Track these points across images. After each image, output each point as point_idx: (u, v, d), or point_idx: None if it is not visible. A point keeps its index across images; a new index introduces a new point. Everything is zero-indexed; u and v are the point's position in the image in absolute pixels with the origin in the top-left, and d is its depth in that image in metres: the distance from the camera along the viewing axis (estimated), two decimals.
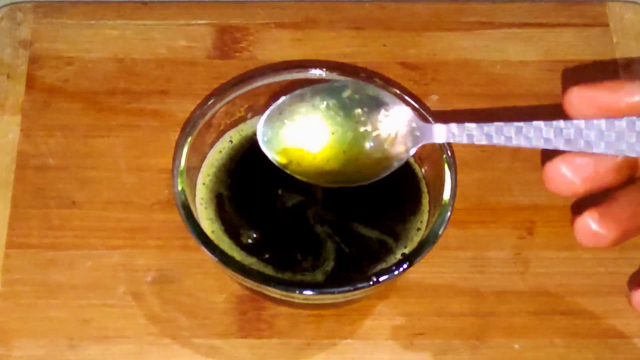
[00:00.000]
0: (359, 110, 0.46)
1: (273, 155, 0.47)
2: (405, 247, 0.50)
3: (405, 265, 0.46)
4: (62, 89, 0.58)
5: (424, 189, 0.52)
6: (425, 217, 0.51)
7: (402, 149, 0.45)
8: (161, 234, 0.53)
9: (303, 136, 0.47)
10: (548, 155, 0.41)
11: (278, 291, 0.47)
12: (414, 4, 0.62)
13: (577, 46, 0.61)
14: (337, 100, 0.46)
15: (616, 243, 0.39)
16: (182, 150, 0.49)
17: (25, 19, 0.61)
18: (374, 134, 0.46)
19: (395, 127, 0.45)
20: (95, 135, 0.57)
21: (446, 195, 0.48)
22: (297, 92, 0.47)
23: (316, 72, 0.53)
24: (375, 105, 0.46)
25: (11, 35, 0.60)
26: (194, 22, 0.61)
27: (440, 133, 0.43)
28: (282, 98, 0.47)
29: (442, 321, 0.52)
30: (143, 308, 0.51)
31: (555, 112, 0.58)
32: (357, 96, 0.46)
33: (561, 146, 0.39)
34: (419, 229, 0.50)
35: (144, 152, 0.56)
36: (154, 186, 0.55)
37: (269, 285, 0.46)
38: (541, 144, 0.39)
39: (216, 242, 0.48)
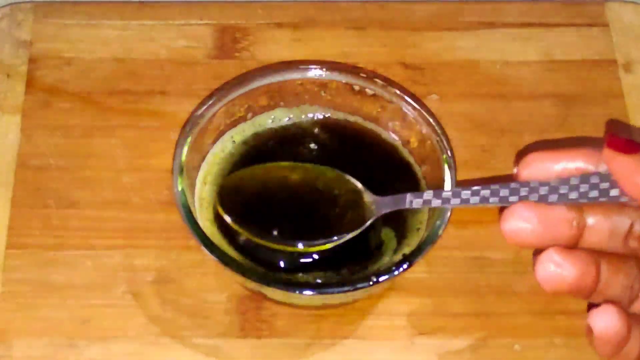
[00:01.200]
0: (322, 187, 0.49)
1: (234, 219, 0.48)
2: (405, 247, 0.50)
3: (405, 265, 0.46)
4: (62, 89, 0.58)
5: (424, 189, 0.52)
6: (425, 217, 0.51)
7: (364, 217, 0.47)
8: (161, 234, 0.53)
9: (266, 202, 0.49)
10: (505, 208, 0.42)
11: (278, 291, 0.47)
12: (414, 4, 0.62)
13: (577, 46, 0.61)
14: (302, 175, 0.50)
15: (575, 287, 0.39)
16: (182, 150, 0.49)
17: (25, 19, 0.61)
18: (337, 208, 0.49)
19: (356, 200, 0.48)
20: (95, 135, 0.57)
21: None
22: (254, 168, 0.50)
23: (316, 72, 0.53)
24: (338, 184, 0.49)
25: (11, 35, 0.60)
26: (194, 22, 0.61)
27: (397, 202, 0.46)
28: (241, 170, 0.50)
29: (442, 321, 0.52)
30: (143, 308, 0.51)
31: (555, 111, 0.59)
32: (319, 176, 0.49)
33: (516, 202, 0.41)
34: (418, 229, 0.50)
35: (144, 152, 0.56)
36: (154, 186, 0.55)
37: (269, 285, 0.46)
38: (497, 202, 0.41)
39: (215, 241, 0.48)
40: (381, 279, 0.46)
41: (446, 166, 0.49)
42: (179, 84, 0.59)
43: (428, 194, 0.44)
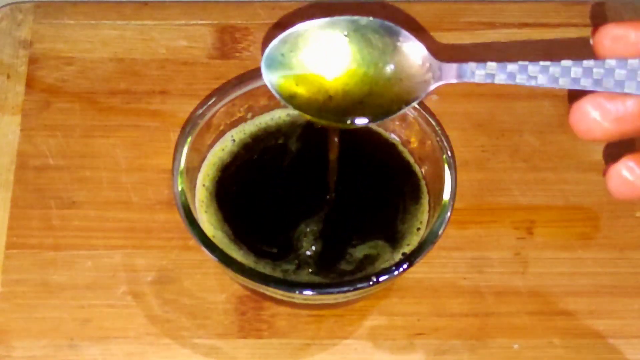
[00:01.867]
0: (377, 44, 0.44)
1: (279, 80, 0.44)
2: (405, 247, 0.50)
3: (405, 265, 0.46)
4: (62, 89, 0.58)
5: (424, 189, 0.52)
6: (425, 217, 0.51)
7: (420, 87, 0.42)
8: (161, 234, 0.53)
9: (316, 64, 0.44)
10: (574, 98, 0.38)
11: (278, 291, 0.47)
12: (414, 4, 0.62)
13: (577, 46, 0.61)
14: (354, 32, 0.44)
15: None
16: (182, 150, 0.49)
17: (25, 19, 0.61)
18: (392, 68, 0.43)
19: (413, 63, 0.43)
20: (95, 135, 0.57)
21: (446, 195, 0.48)
22: (314, 21, 0.44)
23: None
24: (394, 41, 0.44)
25: (11, 36, 0.60)
26: (194, 22, 0.61)
27: (460, 71, 0.41)
28: (289, 30, 0.44)
29: (442, 321, 0.52)
30: (143, 308, 0.51)
31: (555, 111, 0.58)
32: (372, 31, 0.44)
33: (589, 86, 0.37)
34: (419, 229, 0.50)
35: (144, 152, 0.56)
36: (154, 186, 0.55)
37: (269, 285, 0.46)
38: (568, 84, 0.37)
39: (215, 241, 0.48)
40: (381, 279, 0.46)
41: (446, 166, 0.49)
42: (179, 84, 0.59)
43: (491, 66, 0.39)
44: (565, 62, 0.37)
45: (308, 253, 0.49)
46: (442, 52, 0.45)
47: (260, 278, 0.46)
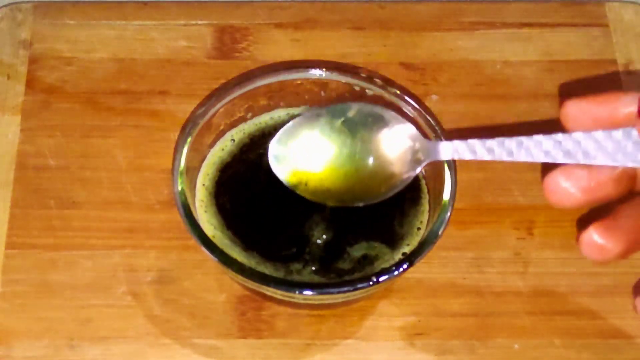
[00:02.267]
0: (365, 131, 0.47)
1: (284, 176, 0.48)
2: (405, 247, 0.50)
3: (405, 265, 0.46)
4: (62, 89, 0.58)
5: (424, 189, 0.52)
6: (425, 217, 0.51)
7: (408, 168, 0.46)
8: (161, 234, 0.53)
9: (311, 157, 0.48)
10: (548, 168, 0.41)
11: (278, 291, 0.47)
12: (414, 4, 0.62)
13: (577, 46, 0.61)
14: (343, 121, 0.47)
15: (622, 256, 0.39)
16: (182, 150, 0.49)
17: (25, 19, 0.61)
18: (381, 153, 0.47)
19: (400, 147, 0.46)
20: (95, 135, 0.57)
21: (446, 195, 0.48)
22: (306, 114, 0.48)
23: (316, 72, 0.53)
24: (381, 125, 0.47)
25: (11, 36, 0.60)
26: (194, 22, 0.61)
27: (445, 151, 0.45)
28: (291, 121, 0.48)
29: (442, 321, 0.52)
30: (143, 308, 0.51)
31: (555, 111, 0.58)
32: (362, 117, 0.47)
33: (560, 158, 0.39)
34: (419, 229, 0.50)
35: (144, 152, 0.56)
36: (154, 186, 0.55)
37: (269, 285, 0.46)
38: (541, 158, 0.40)
39: (215, 241, 0.48)
40: (381, 279, 0.46)
41: (446, 166, 0.49)
42: (179, 84, 0.59)
43: (473, 143, 0.43)
44: (538, 137, 0.40)
45: (308, 253, 0.49)
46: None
47: (260, 278, 0.46)
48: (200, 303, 0.52)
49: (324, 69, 0.53)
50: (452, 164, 0.49)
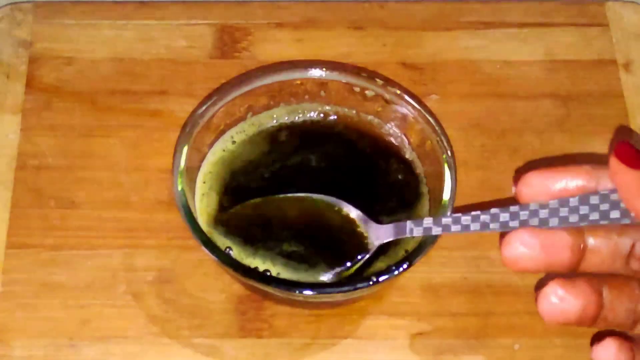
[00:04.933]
0: (321, 216, 0.49)
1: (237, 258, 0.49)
2: (406, 247, 0.50)
3: (405, 265, 0.46)
4: (62, 89, 0.58)
5: (424, 189, 0.52)
6: (425, 216, 0.51)
7: (364, 247, 0.48)
8: (161, 234, 0.53)
9: (263, 240, 0.49)
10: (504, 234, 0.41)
11: (278, 291, 0.47)
12: (414, 4, 0.62)
13: (577, 46, 0.61)
14: (300, 208, 0.49)
15: (579, 318, 0.39)
16: (182, 150, 0.50)
17: (25, 19, 0.61)
18: (336, 235, 0.49)
19: (354, 229, 0.49)
20: (95, 135, 0.57)
21: (446, 195, 0.48)
22: (256, 201, 0.50)
23: (316, 72, 0.53)
24: (337, 211, 0.49)
25: (11, 35, 0.60)
26: (194, 22, 0.61)
27: (397, 231, 0.46)
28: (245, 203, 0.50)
29: (442, 321, 0.52)
30: (143, 308, 0.51)
31: (555, 111, 0.59)
32: (318, 204, 0.49)
33: (517, 227, 0.40)
34: None
35: (144, 152, 0.56)
36: (154, 186, 0.55)
37: (269, 285, 0.46)
38: (498, 228, 0.41)
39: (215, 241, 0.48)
40: (381, 279, 0.46)
41: (446, 166, 0.49)
42: (179, 84, 0.59)
43: (428, 222, 0.44)
44: (494, 210, 0.41)
45: (306, 251, 0.49)
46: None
47: (260, 278, 0.46)
48: (200, 303, 0.52)
49: (324, 69, 0.53)
50: (452, 163, 0.49)
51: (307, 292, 0.46)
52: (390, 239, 0.47)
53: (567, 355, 0.51)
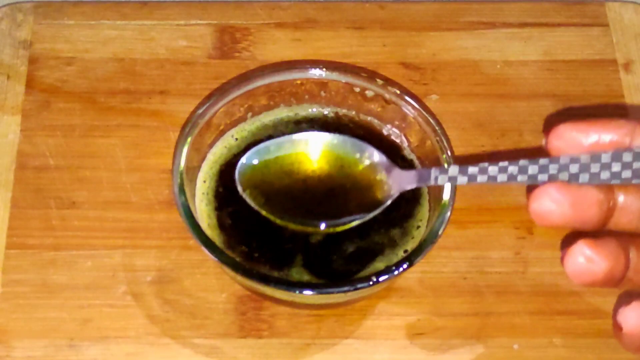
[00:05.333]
0: (344, 158, 0.48)
1: (251, 195, 0.48)
2: (405, 247, 0.50)
3: (405, 265, 0.46)
4: (62, 89, 0.58)
5: (424, 189, 0.52)
6: (425, 216, 0.51)
7: (384, 195, 0.47)
8: (161, 234, 0.53)
9: (286, 176, 0.48)
10: (533, 187, 0.40)
11: (278, 291, 0.47)
12: (414, 4, 0.62)
13: (577, 46, 0.61)
14: (322, 147, 0.48)
15: (606, 279, 0.39)
16: (182, 150, 0.50)
17: (25, 20, 0.61)
18: (356, 181, 0.48)
19: (377, 173, 0.47)
20: (95, 135, 0.57)
21: (446, 195, 0.48)
22: (280, 139, 0.48)
23: (316, 72, 0.53)
24: (359, 153, 0.48)
25: (11, 36, 0.60)
26: (194, 22, 0.61)
27: (421, 178, 0.45)
28: (261, 144, 0.48)
29: (442, 321, 0.52)
30: (143, 308, 0.51)
31: (555, 111, 0.59)
32: (341, 145, 0.48)
33: (546, 181, 0.39)
34: (419, 228, 0.50)
35: (144, 152, 0.56)
36: (154, 186, 0.55)
37: (269, 285, 0.46)
38: (526, 181, 0.40)
39: (212, 237, 0.48)
40: (381, 279, 0.46)
41: (446, 166, 0.49)
42: (179, 84, 0.59)
43: (453, 170, 0.42)
44: (523, 162, 0.39)
45: (307, 251, 0.49)
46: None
47: (260, 278, 0.46)
48: (200, 303, 0.52)
49: (324, 69, 0.53)
50: (452, 163, 0.49)
51: (307, 292, 0.46)
52: (414, 186, 0.45)
53: (567, 355, 0.51)
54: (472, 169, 0.41)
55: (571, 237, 0.40)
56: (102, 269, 0.52)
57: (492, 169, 0.40)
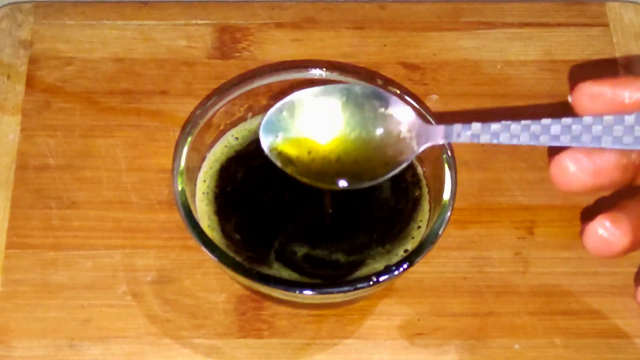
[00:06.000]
0: (364, 111, 0.46)
1: (275, 152, 0.47)
2: (406, 247, 0.50)
3: (405, 265, 0.46)
4: (62, 89, 0.58)
5: (424, 189, 0.52)
6: (425, 216, 0.51)
7: (408, 150, 0.45)
8: (161, 234, 0.53)
9: (307, 134, 0.47)
10: (555, 152, 0.40)
11: (278, 291, 0.47)
12: (414, 4, 0.62)
13: (577, 46, 0.61)
14: (342, 100, 0.46)
15: (627, 251, 0.39)
16: (182, 150, 0.49)
17: (25, 20, 0.61)
18: (379, 134, 0.46)
19: (400, 128, 0.45)
20: (95, 135, 0.57)
21: (446, 195, 0.48)
22: (303, 91, 0.47)
23: (316, 72, 0.53)
24: (380, 106, 0.46)
25: (11, 36, 0.60)
26: (194, 22, 0.61)
27: (446, 133, 0.43)
28: (286, 98, 0.47)
29: (442, 321, 0.52)
30: (143, 308, 0.51)
31: (555, 112, 0.58)
32: (361, 97, 0.46)
33: (568, 142, 0.39)
34: (419, 228, 0.50)
35: (144, 152, 0.56)
36: (154, 186, 0.55)
37: (268, 285, 0.46)
38: (548, 141, 0.39)
39: (212, 237, 0.48)
40: (381, 279, 0.46)
41: (446, 166, 0.49)
42: (179, 84, 0.59)
43: (476, 127, 0.41)
44: (545, 121, 0.39)
45: (307, 251, 0.49)
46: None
47: (260, 278, 0.46)
48: (200, 303, 0.52)
49: (324, 69, 0.53)
50: (453, 163, 0.49)
51: (307, 292, 0.46)
52: (439, 143, 0.44)
53: (568, 355, 0.51)
54: (494, 126, 0.40)
55: (591, 205, 0.39)
56: (102, 269, 0.52)
57: (515, 128, 0.40)
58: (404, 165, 0.45)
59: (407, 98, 0.52)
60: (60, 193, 0.55)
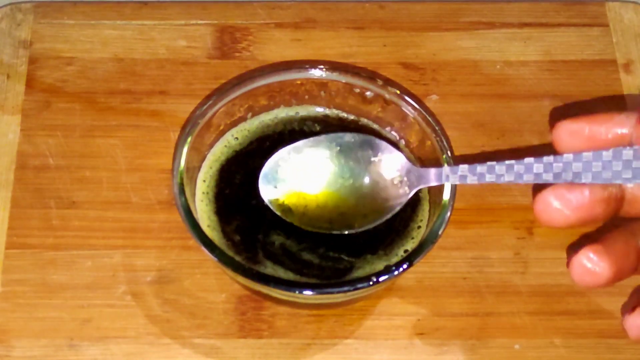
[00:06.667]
0: (357, 160, 0.49)
1: (275, 204, 0.49)
2: (406, 247, 0.50)
3: (405, 265, 0.46)
4: (62, 89, 0.58)
5: (425, 189, 0.52)
6: (425, 216, 0.51)
7: (400, 194, 0.48)
8: (161, 234, 0.53)
9: (302, 185, 0.49)
10: (538, 189, 0.42)
11: (278, 291, 0.47)
12: (414, 4, 0.62)
13: (577, 46, 0.61)
14: (335, 150, 0.49)
15: (612, 281, 0.40)
16: (182, 150, 0.50)
17: (25, 19, 0.61)
18: (373, 181, 0.48)
19: (393, 174, 0.48)
20: (95, 135, 0.57)
21: (446, 195, 0.48)
22: (296, 144, 0.49)
23: (316, 72, 0.53)
24: (373, 154, 0.49)
25: (11, 36, 0.60)
26: (194, 22, 0.61)
27: (436, 176, 0.46)
28: (282, 149, 0.49)
29: (442, 321, 0.52)
30: (143, 308, 0.51)
31: (554, 112, 0.59)
32: (354, 146, 0.49)
33: (551, 179, 0.41)
34: (419, 228, 0.50)
35: (144, 152, 0.56)
36: (154, 186, 0.55)
37: (268, 285, 0.46)
38: (532, 179, 0.41)
39: (212, 237, 0.48)
40: (381, 279, 0.46)
41: (446, 166, 0.49)
42: (179, 84, 0.59)
43: (463, 169, 0.44)
44: (528, 160, 0.41)
45: (307, 252, 0.49)
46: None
47: (260, 278, 0.46)
48: (200, 303, 0.52)
49: (324, 69, 0.53)
50: (452, 163, 0.49)
51: (307, 293, 0.46)
52: (426, 185, 0.47)
53: (568, 355, 0.51)
54: (480, 168, 0.43)
55: (577, 239, 0.40)
56: (102, 269, 0.52)
57: (500, 168, 0.42)
58: (396, 210, 0.48)
59: (408, 98, 0.52)
60: (60, 193, 0.55)
